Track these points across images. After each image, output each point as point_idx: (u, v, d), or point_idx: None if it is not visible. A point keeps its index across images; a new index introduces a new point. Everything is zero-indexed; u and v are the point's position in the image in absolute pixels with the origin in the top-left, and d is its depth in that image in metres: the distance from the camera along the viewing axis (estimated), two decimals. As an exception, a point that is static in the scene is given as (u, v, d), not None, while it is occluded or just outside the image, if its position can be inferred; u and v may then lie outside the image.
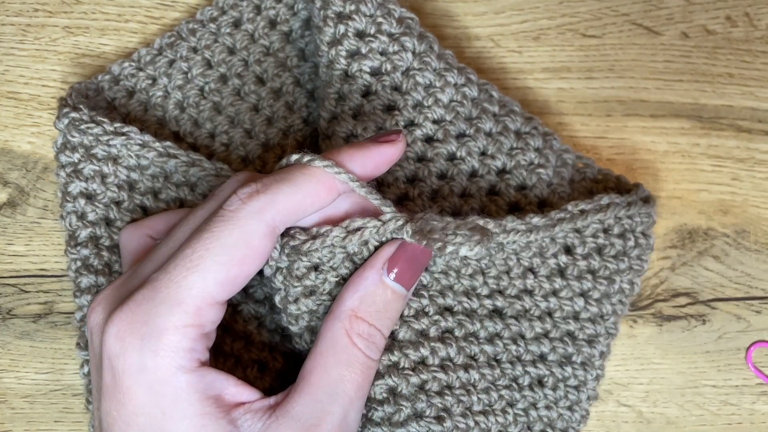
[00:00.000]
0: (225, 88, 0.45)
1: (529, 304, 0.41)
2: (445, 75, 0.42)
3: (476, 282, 0.40)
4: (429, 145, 0.42)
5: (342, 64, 0.42)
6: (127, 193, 0.42)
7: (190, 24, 0.46)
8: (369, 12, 0.42)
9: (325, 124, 0.42)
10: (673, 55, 0.48)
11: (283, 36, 0.46)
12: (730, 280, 0.47)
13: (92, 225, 0.42)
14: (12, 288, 0.46)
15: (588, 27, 0.48)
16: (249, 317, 0.42)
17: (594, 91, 0.48)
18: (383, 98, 0.42)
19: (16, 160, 0.46)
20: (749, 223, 0.47)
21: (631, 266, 0.43)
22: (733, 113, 0.47)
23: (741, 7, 0.48)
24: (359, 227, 0.36)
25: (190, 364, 0.32)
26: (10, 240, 0.46)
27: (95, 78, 0.45)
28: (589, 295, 0.42)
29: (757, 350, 0.46)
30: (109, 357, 0.32)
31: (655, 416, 0.46)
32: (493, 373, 0.40)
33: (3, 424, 0.45)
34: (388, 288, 0.36)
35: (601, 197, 0.42)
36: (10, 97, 0.47)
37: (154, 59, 0.45)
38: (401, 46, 0.42)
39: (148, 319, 0.32)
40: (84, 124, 0.41)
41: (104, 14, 0.47)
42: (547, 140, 0.43)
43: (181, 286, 0.32)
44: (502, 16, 0.48)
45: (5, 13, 0.47)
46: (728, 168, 0.47)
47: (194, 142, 0.45)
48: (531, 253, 0.41)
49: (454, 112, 0.43)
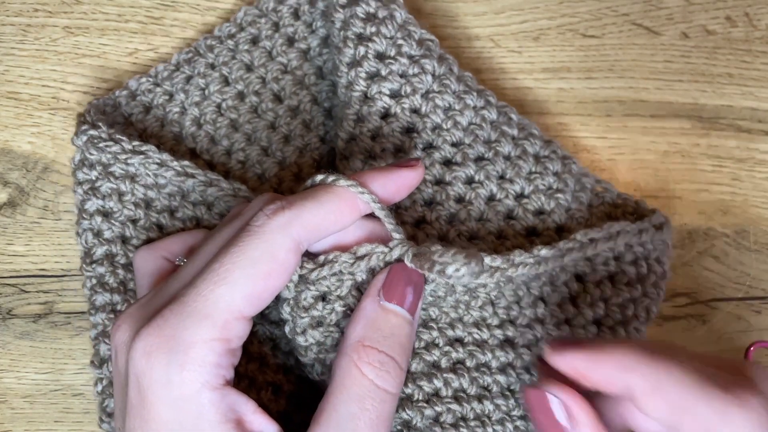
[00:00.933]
0: (242, 105, 0.45)
1: (542, 333, 0.41)
2: (465, 97, 0.42)
3: (486, 313, 0.40)
4: (447, 168, 0.42)
5: (361, 85, 0.41)
6: (143, 211, 0.42)
7: (207, 40, 0.46)
8: (389, 34, 0.41)
9: (342, 144, 0.42)
10: (673, 55, 0.48)
11: (301, 54, 0.46)
12: (729, 280, 0.47)
13: (108, 243, 0.42)
14: (12, 288, 0.46)
15: (588, 27, 0.48)
16: (264, 338, 0.42)
17: (594, 91, 0.48)
18: (402, 120, 0.42)
19: (16, 160, 0.46)
20: (749, 223, 0.47)
21: (646, 293, 0.42)
22: (733, 113, 0.47)
23: (741, 7, 0.48)
24: (367, 253, 0.36)
25: (216, 381, 0.32)
26: (10, 240, 0.46)
27: (113, 93, 0.45)
28: (602, 323, 0.42)
29: (757, 350, 0.46)
30: (136, 374, 0.32)
31: (655, 416, 0.46)
32: (508, 404, 0.40)
33: (3, 424, 0.45)
34: (389, 312, 0.35)
35: (611, 225, 0.41)
36: (10, 97, 0.47)
37: (172, 75, 0.45)
38: (421, 69, 0.42)
39: (175, 333, 0.32)
40: (102, 141, 0.41)
41: (104, 14, 0.47)
42: (566, 164, 0.43)
43: (209, 300, 0.32)
44: (502, 16, 0.48)
45: (5, 13, 0.47)
46: (728, 168, 0.47)
47: (210, 159, 0.45)
48: (541, 282, 0.41)
49: (473, 134, 0.42)
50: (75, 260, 0.46)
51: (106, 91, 0.47)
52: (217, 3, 0.48)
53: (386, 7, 0.42)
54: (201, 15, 0.48)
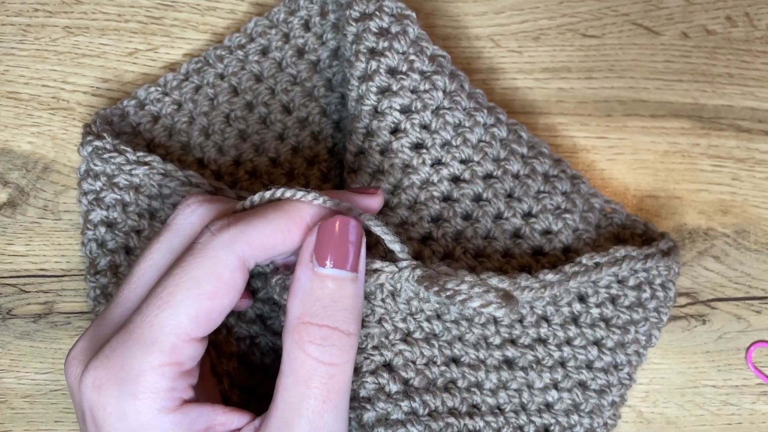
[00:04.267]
0: (251, 115, 0.45)
1: (543, 353, 0.41)
2: (475, 115, 0.42)
3: (488, 331, 0.40)
4: (455, 184, 0.42)
5: (372, 99, 0.41)
6: (147, 221, 0.43)
7: (217, 50, 0.46)
8: (402, 49, 0.41)
9: (351, 158, 0.42)
10: (673, 55, 0.48)
11: (311, 65, 0.46)
12: (730, 280, 0.47)
13: (112, 253, 0.42)
14: (12, 288, 0.46)
15: (588, 27, 0.48)
16: (267, 349, 0.42)
17: (594, 91, 0.48)
18: (411, 136, 0.41)
19: (16, 160, 0.46)
20: (749, 223, 0.47)
21: (648, 318, 0.42)
22: (733, 113, 0.47)
23: (741, 7, 0.48)
24: (377, 269, 0.36)
25: (172, 404, 0.31)
26: (10, 240, 0.46)
27: (120, 103, 0.45)
28: (602, 344, 0.42)
29: (757, 350, 0.46)
30: (90, 408, 0.32)
31: (655, 416, 0.46)
32: (497, 421, 0.40)
33: (3, 424, 0.45)
34: (325, 278, 0.33)
35: (617, 249, 0.41)
36: (10, 97, 0.47)
37: (180, 84, 0.45)
38: (432, 85, 0.41)
39: (123, 362, 0.31)
40: (107, 152, 0.41)
41: (104, 14, 0.47)
42: (575, 184, 0.43)
43: (154, 325, 0.31)
44: (502, 16, 0.48)
45: (5, 13, 0.47)
46: (728, 168, 0.47)
47: (218, 169, 0.45)
48: (544, 302, 0.41)
49: (482, 152, 0.42)
50: (75, 260, 0.46)
51: (106, 91, 0.47)
52: (217, 3, 0.48)
53: (399, 23, 0.41)
54: (201, 15, 0.48)
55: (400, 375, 0.37)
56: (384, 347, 0.37)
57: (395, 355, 0.37)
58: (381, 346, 0.37)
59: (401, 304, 0.38)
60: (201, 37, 0.47)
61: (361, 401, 0.37)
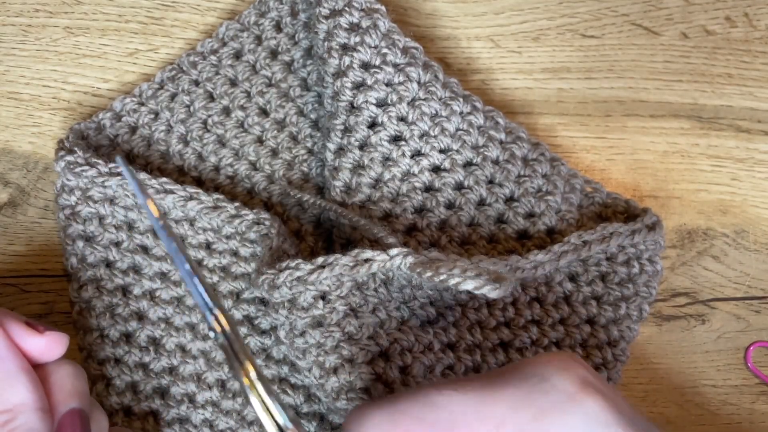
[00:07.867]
0: (228, 120, 0.45)
1: (537, 335, 0.41)
2: (451, 104, 0.42)
3: (482, 315, 0.40)
4: (436, 174, 0.42)
5: (347, 95, 0.42)
6: (125, 233, 0.43)
7: (190, 57, 0.46)
8: (374, 43, 0.42)
9: (331, 155, 0.42)
10: (673, 56, 0.48)
11: (285, 66, 0.46)
12: (729, 280, 0.47)
13: (92, 267, 0.43)
14: (13, 288, 0.46)
15: (588, 27, 0.48)
16: (256, 350, 0.42)
17: (594, 91, 0.48)
18: (389, 129, 0.42)
19: (17, 160, 0.46)
20: (748, 223, 0.47)
21: (638, 292, 0.43)
22: (732, 113, 0.48)
23: (740, 8, 0.48)
24: (368, 258, 0.36)
25: None
26: (10, 240, 0.46)
27: (96, 116, 0.45)
28: (595, 321, 0.42)
29: (757, 350, 0.47)
30: None
31: (655, 416, 0.46)
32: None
33: (4, 424, 0.45)
34: None
35: (604, 227, 0.41)
36: (10, 97, 0.47)
37: (156, 93, 0.45)
38: (407, 77, 0.42)
39: None
40: (79, 166, 0.41)
41: (105, 15, 0.47)
42: (555, 166, 0.43)
43: None
44: (501, 17, 0.48)
45: (6, 13, 0.47)
46: (727, 168, 0.47)
47: (199, 176, 0.45)
48: (537, 283, 0.41)
49: (461, 140, 0.42)
50: (75, 260, 0.46)
51: (106, 91, 0.47)
52: (217, 3, 0.48)
53: (369, 17, 0.42)
54: (201, 15, 0.48)
55: (397, 364, 0.37)
56: (379, 337, 0.37)
57: (391, 344, 0.37)
58: (376, 336, 0.37)
59: (394, 292, 0.38)
60: (201, 37, 0.47)
61: (358, 392, 0.37)
